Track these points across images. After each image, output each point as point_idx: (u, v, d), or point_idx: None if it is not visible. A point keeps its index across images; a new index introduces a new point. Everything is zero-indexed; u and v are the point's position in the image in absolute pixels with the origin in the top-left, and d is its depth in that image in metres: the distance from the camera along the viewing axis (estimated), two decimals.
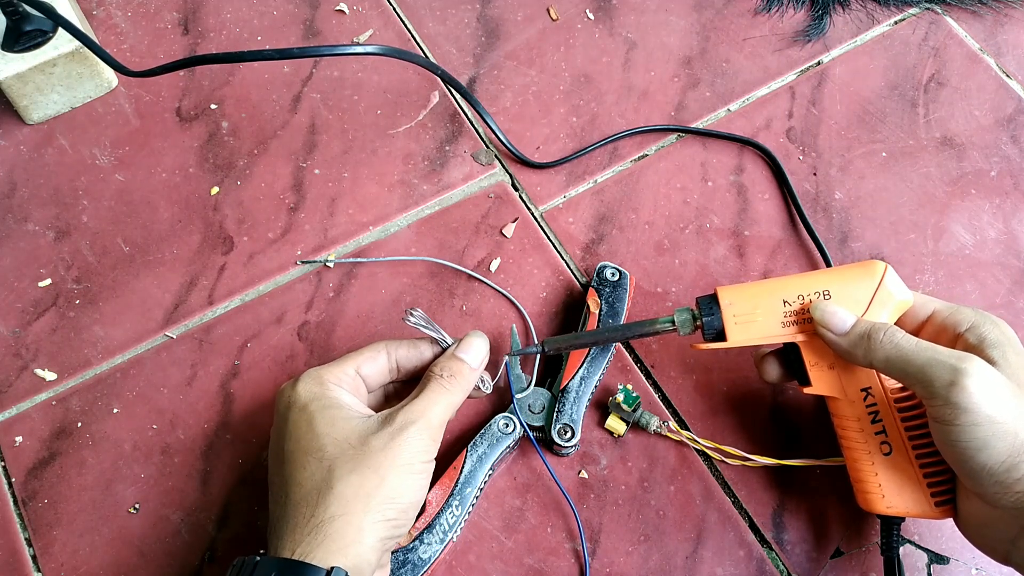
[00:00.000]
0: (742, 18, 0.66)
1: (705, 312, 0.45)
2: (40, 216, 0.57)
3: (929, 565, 0.48)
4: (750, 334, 0.44)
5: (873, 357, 0.41)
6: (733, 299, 0.44)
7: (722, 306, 0.44)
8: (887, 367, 0.41)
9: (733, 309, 0.44)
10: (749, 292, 0.45)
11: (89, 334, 0.54)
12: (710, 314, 0.45)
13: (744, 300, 0.44)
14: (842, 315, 0.43)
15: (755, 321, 0.44)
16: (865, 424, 0.43)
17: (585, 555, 0.47)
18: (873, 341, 0.41)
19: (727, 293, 0.45)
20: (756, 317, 0.44)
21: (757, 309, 0.44)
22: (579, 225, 0.57)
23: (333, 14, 0.65)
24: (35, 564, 0.48)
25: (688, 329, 0.45)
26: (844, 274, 0.44)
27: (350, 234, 0.57)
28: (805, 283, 0.44)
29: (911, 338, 0.41)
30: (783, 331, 0.44)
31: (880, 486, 0.43)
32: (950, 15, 0.66)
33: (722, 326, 0.44)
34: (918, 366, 0.40)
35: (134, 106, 0.61)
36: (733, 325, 0.44)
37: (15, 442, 0.51)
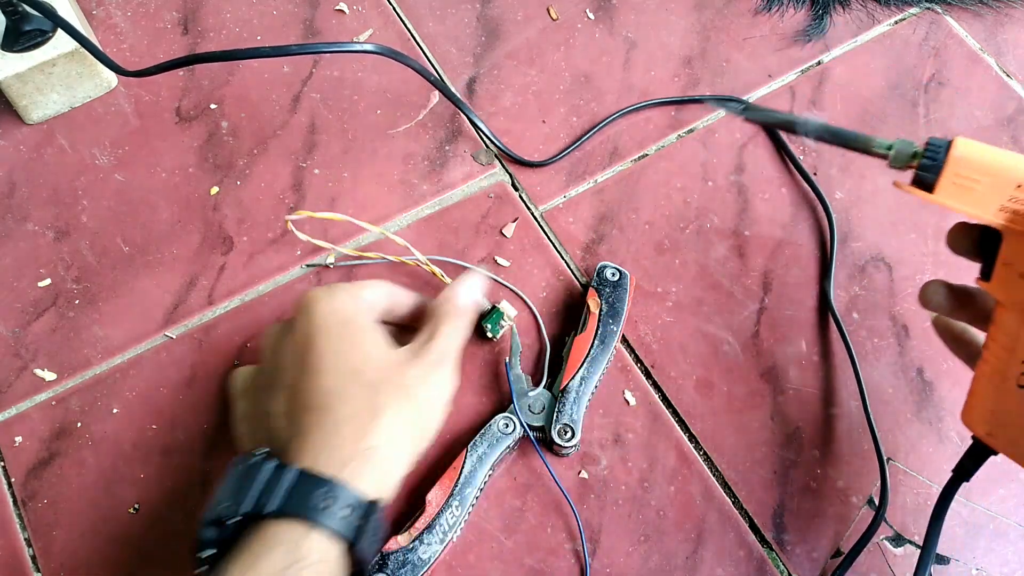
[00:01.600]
0: (742, 18, 0.66)
1: (929, 155, 0.39)
2: (40, 216, 0.57)
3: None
4: (961, 200, 0.39)
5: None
6: (967, 155, 0.38)
7: (951, 157, 0.38)
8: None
9: (959, 166, 0.38)
10: (988, 156, 0.38)
11: (89, 334, 0.54)
12: (932, 159, 0.39)
13: (976, 163, 0.38)
14: None
15: (974, 190, 0.38)
16: (1020, 347, 0.39)
17: (585, 555, 0.47)
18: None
19: (964, 147, 0.38)
20: (977, 187, 0.38)
21: (985, 178, 0.38)
22: (579, 225, 0.57)
23: (333, 14, 0.65)
24: (35, 564, 0.48)
25: (900, 163, 0.40)
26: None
27: (350, 234, 0.57)
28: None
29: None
30: (997, 215, 0.38)
31: (992, 412, 0.40)
32: (950, 15, 0.66)
33: (937, 177, 0.39)
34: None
35: (134, 106, 0.61)
36: (950, 183, 0.38)
37: (15, 442, 0.51)
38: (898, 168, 0.40)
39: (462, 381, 0.52)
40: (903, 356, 0.53)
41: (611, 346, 0.51)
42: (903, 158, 0.40)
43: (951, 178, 0.38)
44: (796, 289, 0.55)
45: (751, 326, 0.54)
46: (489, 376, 0.52)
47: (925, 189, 0.39)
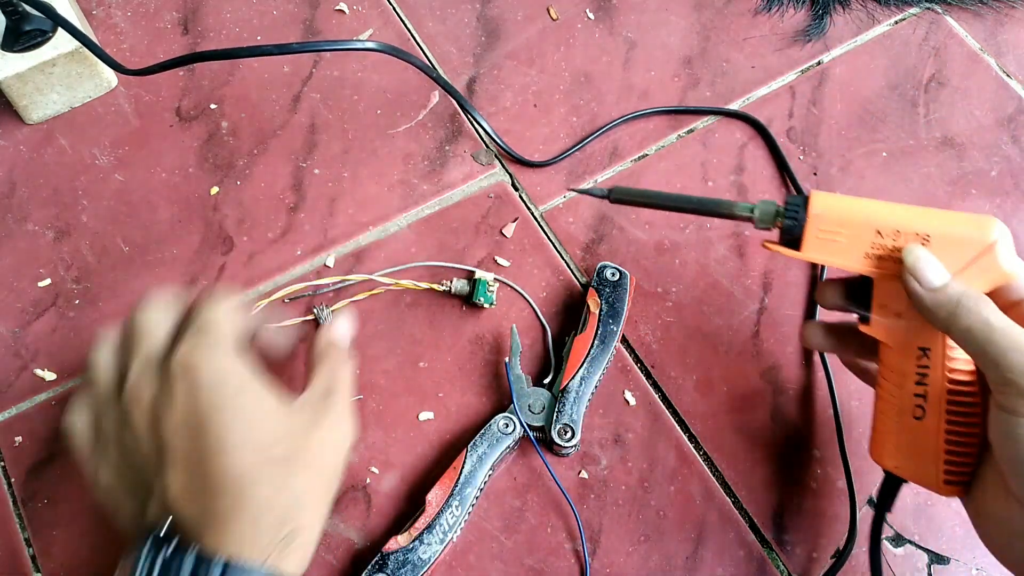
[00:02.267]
0: (742, 18, 0.66)
1: (789, 214, 0.41)
2: (40, 216, 0.57)
3: (929, 565, 0.48)
4: (827, 254, 0.40)
5: (954, 324, 0.37)
6: (824, 211, 0.40)
7: (809, 215, 0.40)
8: (965, 339, 0.37)
9: (820, 222, 0.40)
10: (844, 208, 0.40)
11: (89, 334, 0.54)
12: (793, 218, 0.40)
13: (835, 216, 0.40)
14: (936, 268, 0.38)
15: (837, 242, 0.40)
16: (908, 383, 0.40)
17: (585, 555, 0.47)
18: (962, 307, 0.37)
19: (820, 201, 0.40)
20: (840, 239, 0.40)
21: (844, 230, 0.40)
22: (579, 225, 0.57)
23: (333, 14, 0.65)
24: (35, 564, 0.47)
25: (766, 224, 0.42)
26: (952, 222, 0.39)
27: (350, 234, 0.57)
28: (907, 219, 0.39)
29: (1003, 316, 0.37)
30: (863, 262, 0.40)
31: (896, 446, 0.41)
32: (950, 15, 0.66)
33: (801, 235, 0.40)
34: (1001, 348, 0.36)
35: (134, 106, 0.61)
36: (814, 238, 0.40)
37: (15, 442, 0.51)
38: (765, 229, 0.42)
39: (463, 381, 0.52)
40: None
41: (611, 346, 0.51)
42: (767, 219, 0.41)
43: (814, 234, 0.40)
44: (796, 289, 0.55)
45: (751, 326, 0.54)
46: (489, 376, 0.52)
47: (793, 247, 0.41)
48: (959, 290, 0.38)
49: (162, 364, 0.38)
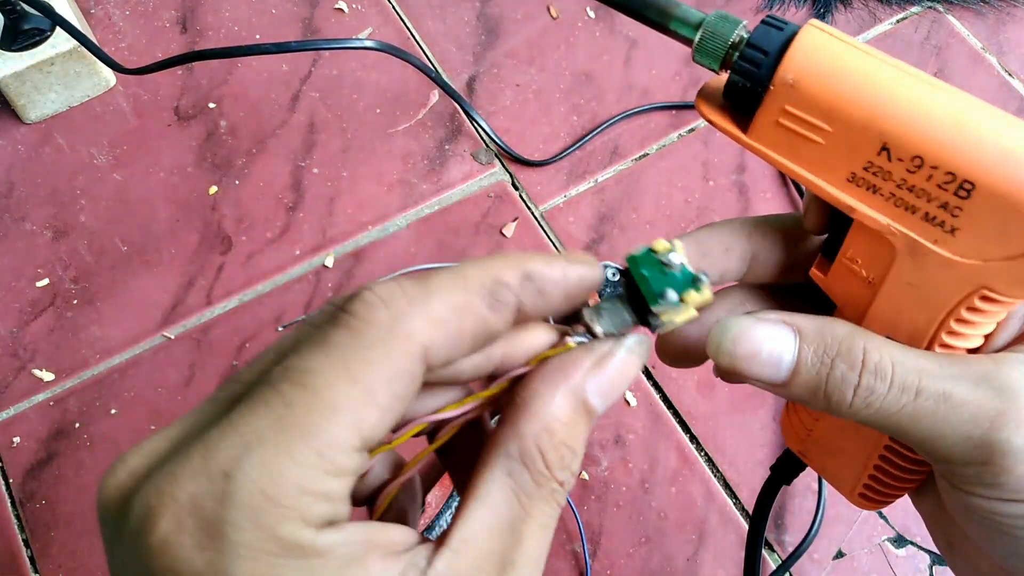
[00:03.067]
0: (744, 16, 0.65)
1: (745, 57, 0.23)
2: (38, 216, 0.57)
3: (931, 566, 0.48)
4: (785, 154, 0.23)
5: (851, 410, 0.23)
6: (805, 77, 0.22)
7: (778, 77, 0.22)
8: (877, 421, 0.23)
9: (792, 96, 0.22)
10: (844, 79, 0.21)
11: (87, 334, 0.53)
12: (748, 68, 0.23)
13: (823, 91, 0.22)
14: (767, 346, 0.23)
15: (810, 141, 0.22)
16: None
17: (586, 556, 0.47)
18: (844, 400, 0.22)
19: (808, 52, 0.22)
20: (816, 136, 0.22)
21: (829, 125, 0.22)
22: (580, 224, 0.57)
23: (332, 12, 0.65)
24: (33, 565, 0.47)
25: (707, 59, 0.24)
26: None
27: (349, 234, 0.57)
28: (950, 137, 0.21)
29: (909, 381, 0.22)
30: (842, 187, 0.23)
31: (813, 435, 0.29)
32: (952, 14, 0.66)
33: (756, 104, 0.23)
34: (923, 438, 0.22)
35: (132, 105, 0.61)
36: (772, 120, 0.22)
37: (13, 443, 0.50)
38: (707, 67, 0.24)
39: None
40: None
41: None
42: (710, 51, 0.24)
43: (776, 112, 0.22)
44: None
45: None
46: None
47: (741, 115, 0.23)
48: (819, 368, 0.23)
49: None
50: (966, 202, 0.21)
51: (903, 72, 0.21)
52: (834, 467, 0.29)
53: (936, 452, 0.22)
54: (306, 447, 0.17)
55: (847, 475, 0.29)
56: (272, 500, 0.16)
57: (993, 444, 0.21)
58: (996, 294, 0.22)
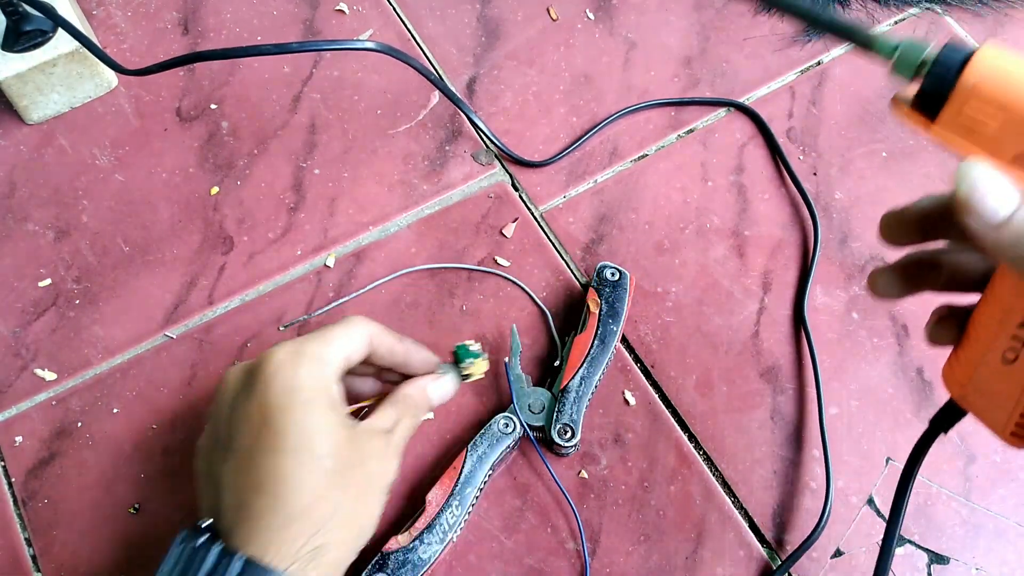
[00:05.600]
0: (742, 18, 0.66)
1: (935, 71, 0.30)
2: (40, 216, 0.57)
3: (929, 565, 0.48)
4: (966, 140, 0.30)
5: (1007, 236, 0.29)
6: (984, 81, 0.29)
7: (960, 83, 0.30)
8: None
9: (972, 95, 0.30)
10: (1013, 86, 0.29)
11: (89, 334, 0.54)
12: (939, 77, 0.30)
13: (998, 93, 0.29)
14: (996, 196, 0.29)
15: (986, 130, 0.30)
16: (1012, 320, 0.33)
17: (585, 555, 0.47)
18: None
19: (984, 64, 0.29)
20: (992, 126, 0.30)
21: (1002, 115, 0.29)
22: (579, 225, 0.57)
23: (333, 14, 0.65)
24: (35, 564, 0.48)
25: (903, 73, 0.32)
26: None
27: (350, 234, 0.57)
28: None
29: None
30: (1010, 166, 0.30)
31: (972, 378, 0.35)
32: (950, 15, 0.66)
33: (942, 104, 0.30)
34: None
35: (134, 106, 0.61)
36: (955, 114, 0.30)
37: (15, 442, 0.51)
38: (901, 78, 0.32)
39: (462, 382, 0.52)
40: (903, 356, 0.53)
41: (611, 346, 0.51)
42: (906, 66, 0.31)
43: (958, 107, 0.30)
44: (796, 289, 0.55)
45: (751, 326, 0.54)
46: (489, 376, 0.52)
47: (928, 116, 0.31)
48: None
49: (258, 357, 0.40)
50: None
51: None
52: (991, 408, 0.34)
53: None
54: (328, 345, 0.40)
55: (1001, 415, 0.34)
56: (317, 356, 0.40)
57: None
58: None
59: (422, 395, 0.44)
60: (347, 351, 0.41)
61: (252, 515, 0.36)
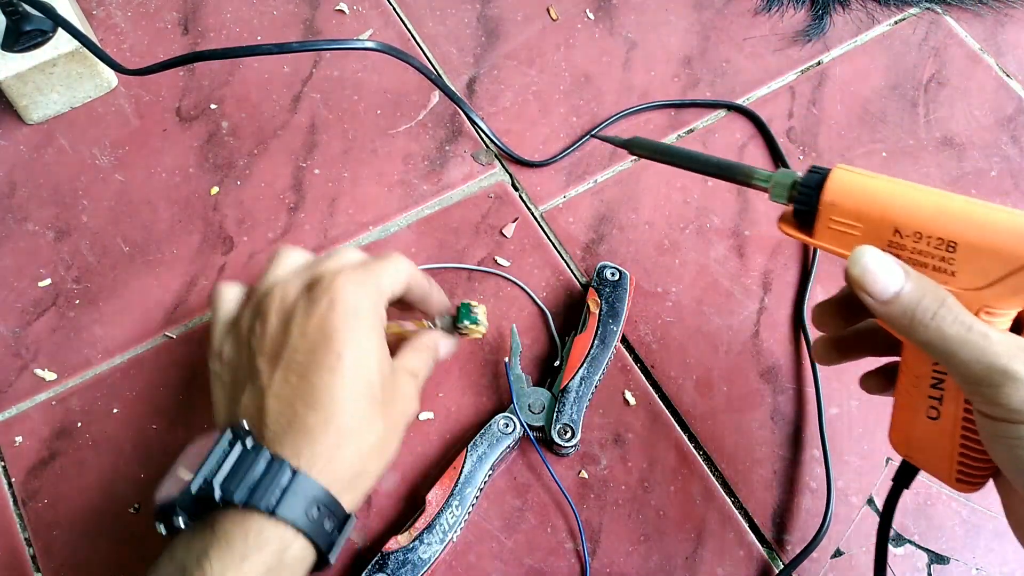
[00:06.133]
0: (742, 18, 0.66)
1: (801, 195, 0.35)
2: (40, 216, 0.57)
3: (929, 565, 0.48)
4: (839, 245, 0.35)
5: (913, 338, 0.34)
6: (839, 198, 0.35)
7: (823, 202, 0.35)
8: (927, 351, 0.34)
9: (833, 210, 0.35)
10: (862, 198, 0.34)
11: (89, 334, 0.54)
12: (805, 202, 0.35)
13: (851, 206, 0.34)
14: (883, 279, 0.34)
15: (852, 235, 0.35)
16: (924, 384, 0.37)
17: (585, 555, 0.47)
18: (916, 321, 0.33)
19: (838, 185, 0.35)
20: (855, 232, 0.35)
21: (861, 223, 0.34)
22: (579, 225, 0.57)
23: (333, 14, 0.65)
24: (35, 564, 0.48)
25: (779, 199, 0.37)
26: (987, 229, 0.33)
27: (350, 234, 0.57)
28: (933, 219, 0.33)
29: (965, 320, 0.33)
30: None
31: (911, 439, 0.39)
32: (950, 15, 0.66)
33: (813, 220, 0.36)
34: (963, 361, 0.32)
35: (134, 106, 0.61)
36: (826, 227, 0.35)
37: (15, 442, 0.51)
38: (780, 202, 0.37)
39: (462, 381, 0.52)
40: None
41: (611, 346, 0.51)
42: (780, 192, 0.37)
43: (826, 223, 0.35)
44: (799, 289, 0.55)
45: (751, 326, 0.54)
46: (489, 376, 0.52)
47: (805, 232, 0.36)
48: (913, 299, 0.33)
49: (316, 275, 0.41)
50: (954, 254, 0.33)
51: (901, 184, 0.34)
52: (933, 461, 0.38)
53: (970, 373, 0.32)
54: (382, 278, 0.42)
55: (943, 466, 0.38)
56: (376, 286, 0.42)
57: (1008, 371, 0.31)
58: (993, 308, 0.33)
59: (436, 348, 0.47)
60: (395, 286, 0.43)
61: (303, 429, 0.38)
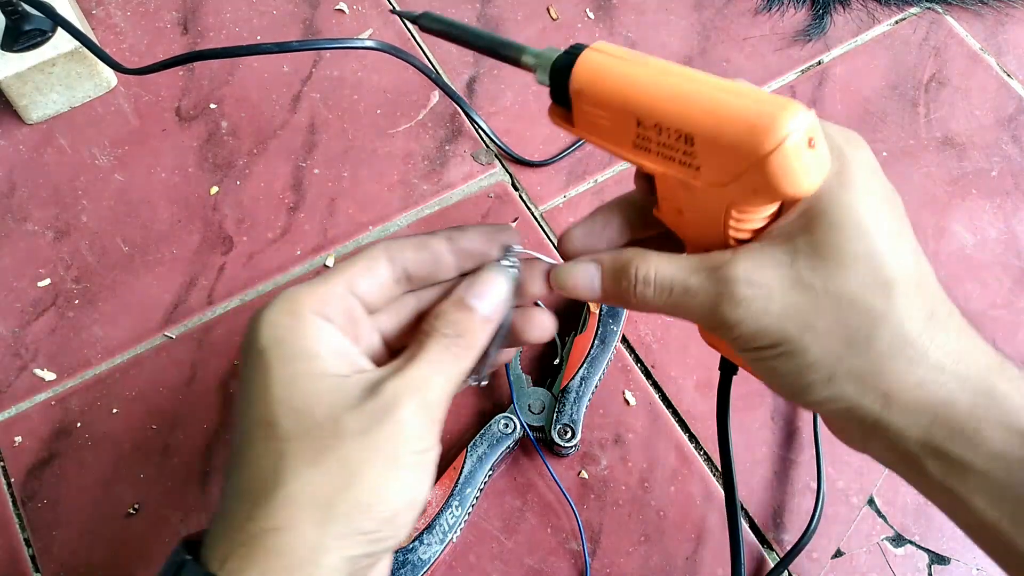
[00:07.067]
0: (742, 17, 0.66)
1: (553, 80, 0.32)
2: (39, 216, 0.57)
3: (930, 565, 0.48)
4: (597, 136, 0.32)
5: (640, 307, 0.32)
6: (586, 85, 0.31)
7: (571, 89, 0.31)
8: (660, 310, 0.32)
9: (582, 98, 0.31)
10: (606, 84, 0.31)
11: (88, 334, 0.54)
12: (557, 84, 0.32)
13: (595, 93, 0.31)
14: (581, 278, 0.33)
15: (603, 125, 0.32)
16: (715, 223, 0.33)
17: (585, 556, 0.47)
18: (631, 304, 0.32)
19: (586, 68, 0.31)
20: (604, 122, 0.31)
21: (606, 113, 0.31)
22: None
23: (333, 13, 0.65)
24: (34, 564, 0.47)
25: (544, 82, 0.33)
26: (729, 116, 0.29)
27: (350, 234, 0.57)
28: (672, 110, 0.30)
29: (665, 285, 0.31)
30: (632, 153, 0.32)
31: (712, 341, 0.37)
32: (951, 15, 0.66)
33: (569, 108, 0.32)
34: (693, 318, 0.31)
35: (133, 106, 0.61)
36: (582, 114, 0.32)
37: (15, 442, 0.51)
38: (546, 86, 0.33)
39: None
40: None
41: (611, 346, 0.51)
42: (544, 75, 0.32)
43: (581, 110, 0.32)
44: None
45: None
46: (489, 376, 0.52)
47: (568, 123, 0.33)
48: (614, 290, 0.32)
49: None
50: (694, 148, 0.29)
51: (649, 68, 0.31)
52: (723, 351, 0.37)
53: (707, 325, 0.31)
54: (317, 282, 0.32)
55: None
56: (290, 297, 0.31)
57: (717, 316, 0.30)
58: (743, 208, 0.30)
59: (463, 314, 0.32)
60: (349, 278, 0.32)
61: (219, 504, 0.30)
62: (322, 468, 0.28)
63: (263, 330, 0.30)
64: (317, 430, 0.29)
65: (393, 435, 0.29)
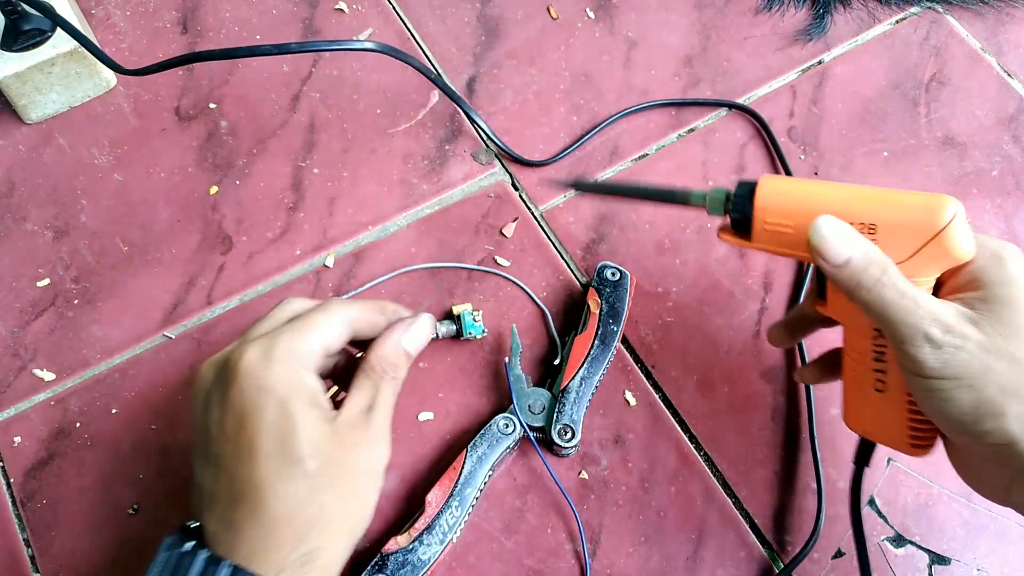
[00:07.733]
0: (743, 17, 0.66)
1: (736, 206, 0.40)
2: (38, 216, 0.57)
3: (930, 566, 0.48)
4: (776, 245, 0.40)
5: (857, 298, 0.37)
6: (769, 203, 0.39)
7: (755, 207, 0.39)
8: (867, 312, 0.37)
9: (766, 214, 0.39)
10: (788, 199, 0.39)
11: (88, 334, 0.53)
12: (740, 210, 0.40)
13: (780, 207, 0.39)
14: (837, 245, 0.37)
15: (785, 234, 0.39)
16: (867, 360, 0.41)
17: (585, 556, 0.47)
18: (860, 284, 0.37)
19: (766, 191, 0.40)
20: (788, 230, 0.39)
21: (791, 221, 0.39)
22: (579, 225, 0.57)
23: (332, 13, 0.65)
24: (33, 565, 0.47)
25: (717, 212, 0.42)
26: (900, 208, 0.38)
27: (349, 234, 0.57)
28: (853, 207, 0.38)
29: (900, 285, 0.36)
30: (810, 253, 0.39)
31: (864, 415, 0.42)
32: (951, 14, 0.66)
33: (750, 226, 0.40)
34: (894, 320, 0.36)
35: (133, 105, 0.61)
36: (762, 229, 0.40)
37: (14, 442, 0.50)
38: (718, 215, 0.42)
39: (462, 381, 0.52)
40: None
41: (611, 346, 0.51)
42: (718, 207, 0.41)
43: (761, 224, 0.40)
44: (796, 289, 0.55)
45: (751, 326, 0.54)
46: (489, 376, 0.52)
47: (744, 238, 0.41)
48: (860, 265, 0.37)
49: (224, 358, 0.39)
50: (876, 235, 0.38)
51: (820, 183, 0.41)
52: (888, 431, 0.42)
53: (899, 333, 0.36)
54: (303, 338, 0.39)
55: (897, 434, 0.41)
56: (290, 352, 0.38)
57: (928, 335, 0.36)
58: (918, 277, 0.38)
59: (397, 352, 0.42)
60: (326, 340, 0.40)
61: (235, 525, 0.36)
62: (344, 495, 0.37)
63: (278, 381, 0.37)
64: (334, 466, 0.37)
65: (380, 462, 0.39)
